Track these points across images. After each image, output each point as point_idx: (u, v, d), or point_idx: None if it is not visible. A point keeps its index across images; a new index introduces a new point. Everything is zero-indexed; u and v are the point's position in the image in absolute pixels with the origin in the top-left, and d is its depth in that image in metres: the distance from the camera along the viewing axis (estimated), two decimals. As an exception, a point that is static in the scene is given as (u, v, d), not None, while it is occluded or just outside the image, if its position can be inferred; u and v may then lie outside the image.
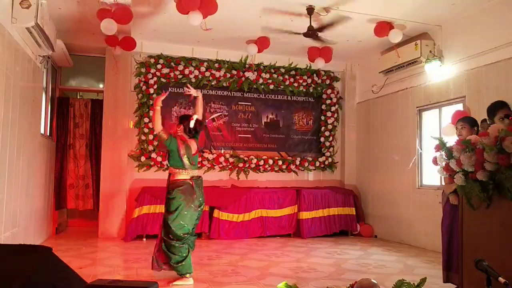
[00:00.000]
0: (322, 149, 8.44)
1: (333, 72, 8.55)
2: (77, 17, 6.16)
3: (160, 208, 6.80)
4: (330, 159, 8.43)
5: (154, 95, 7.40)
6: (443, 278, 4.04)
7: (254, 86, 8.02)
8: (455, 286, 3.89)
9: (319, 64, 7.13)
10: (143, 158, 7.27)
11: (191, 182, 4.27)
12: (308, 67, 8.22)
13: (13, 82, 4.57)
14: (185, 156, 4.27)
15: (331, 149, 8.48)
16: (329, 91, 8.51)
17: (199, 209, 4.34)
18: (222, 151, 7.82)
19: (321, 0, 5.47)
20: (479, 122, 4.06)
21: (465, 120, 3.94)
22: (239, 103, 8.04)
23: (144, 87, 7.37)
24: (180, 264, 4.16)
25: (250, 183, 7.80)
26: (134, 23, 6.14)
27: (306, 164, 8.25)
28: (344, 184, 8.38)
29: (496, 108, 3.79)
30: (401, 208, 7.03)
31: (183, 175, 4.28)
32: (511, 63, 5.05)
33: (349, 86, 8.56)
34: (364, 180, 8.18)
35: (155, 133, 4.24)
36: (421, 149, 6.69)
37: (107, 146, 7.07)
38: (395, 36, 6.06)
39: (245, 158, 7.83)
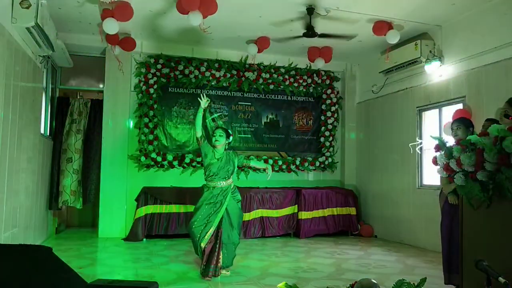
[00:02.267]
0: (322, 149, 8.44)
1: (333, 72, 8.55)
2: (77, 17, 6.16)
3: (160, 208, 6.82)
4: (330, 159, 8.43)
5: (154, 95, 7.41)
6: (444, 279, 4.03)
7: (254, 86, 8.02)
8: (456, 287, 3.89)
9: (319, 64, 7.14)
10: (143, 158, 7.26)
11: None
12: (308, 67, 8.22)
13: (13, 82, 4.57)
14: None
15: (331, 149, 8.47)
16: (329, 91, 8.51)
17: None
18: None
19: (321, 0, 5.47)
20: (479, 122, 4.06)
21: (460, 121, 3.97)
22: (239, 103, 8.04)
23: (144, 87, 7.36)
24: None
25: (250, 183, 7.80)
26: (134, 23, 6.14)
27: (306, 164, 8.25)
28: (344, 184, 8.38)
29: None
30: (401, 208, 7.03)
31: None
32: (511, 63, 5.06)
33: (349, 86, 8.56)
34: (364, 180, 8.18)
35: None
36: (421, 140, 6.65)
37: (107, 146, 7.07)
38: (392, 37, 6.06)
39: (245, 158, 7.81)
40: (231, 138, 4.81)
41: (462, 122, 3.94)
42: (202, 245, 4.42)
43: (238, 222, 4.70)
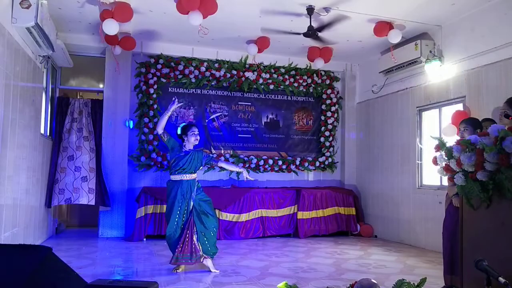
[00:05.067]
0: (322, 149, 8.44)
1: (333, 72, 8.55)
2: (77, 17, 6.16)
3: (160, 208, 6.81)
4: (330, 159, 8.43)
5: (154, 95, 7.41)
6: (445, 281, 4.00)
7: (254, 86, 8.02)
8: None
9: (319, 64, 7.14)
10: (143, 158, 7.26)
11: None
12: (308, 67, 8.22)
13: (13, 82, 4.58)
14: None
15: (331, 149, 8.48)
16: (329, 91, 8.51)
17: None
18: (222, 151, 7.83)
19: (321, 0, 5.47)
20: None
21: (468, 122, 3.91)
22: (239, 103, 8.04)
23: (144, 87, 7.37)
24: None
25: (250, 183, 7.79)
26: (134, 23, 6.14)
27: (306, 164, 8.25)
28: (344, 184, 8.38)
29: None
30: (401, 208, 7.03)
31: None
32: (511, 63, 5.05)
33: (349, 86, 8.57)
34: (364, 180, 8.19)
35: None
36: (421, 144, 6.68)
37: (107, 146, 7.07)
38: (394, 37, 6.07)
39: (245, 158, 7.83)
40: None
41: (470, 123, 3.87)
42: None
43: (210, 208, 4.77)
